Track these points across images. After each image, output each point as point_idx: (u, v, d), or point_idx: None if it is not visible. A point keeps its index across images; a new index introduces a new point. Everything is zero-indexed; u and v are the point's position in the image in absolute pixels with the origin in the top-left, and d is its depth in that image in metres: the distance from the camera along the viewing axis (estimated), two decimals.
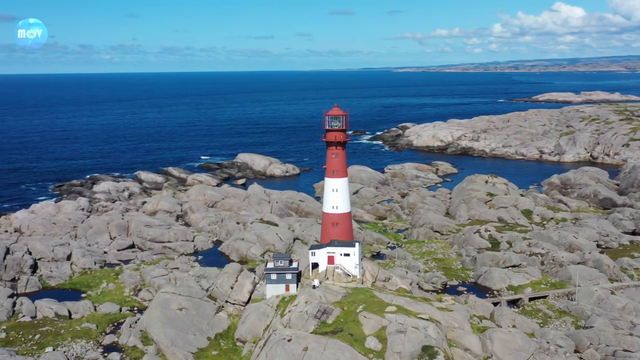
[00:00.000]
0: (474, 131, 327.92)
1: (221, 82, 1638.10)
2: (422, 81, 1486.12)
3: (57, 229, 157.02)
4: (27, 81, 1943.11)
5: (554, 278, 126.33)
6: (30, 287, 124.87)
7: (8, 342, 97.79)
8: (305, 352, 79.69)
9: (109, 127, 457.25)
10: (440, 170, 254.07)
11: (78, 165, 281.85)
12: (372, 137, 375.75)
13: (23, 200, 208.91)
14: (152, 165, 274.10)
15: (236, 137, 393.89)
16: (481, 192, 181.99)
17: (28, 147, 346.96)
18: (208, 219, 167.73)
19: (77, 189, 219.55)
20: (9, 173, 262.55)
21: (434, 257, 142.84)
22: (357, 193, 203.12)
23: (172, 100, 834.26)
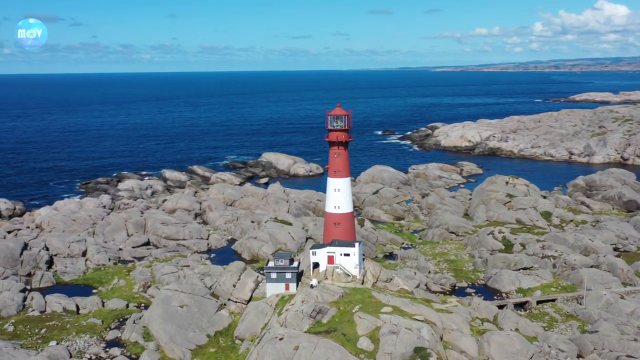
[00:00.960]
0: (503, 131, 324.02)
1: (258, 82, 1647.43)
2: (459, 81, 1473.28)
3: (76, 226, 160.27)
4: (69, 80, 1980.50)
5: (565, 281, 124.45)
6: (44, 282, 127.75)
7: (15, 335, 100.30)
8: (295, 351, 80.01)
9: (143, 126, 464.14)
10: (464, 170, 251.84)
11: (107, 163, 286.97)
12: (401, 137, 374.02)
13: (50, 197, 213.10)
14: (180, 164, 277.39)
15: (266, 136, 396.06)
16: (500, 193, 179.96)
17: (62, 145, 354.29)
18: (224, 218, 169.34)
19: (102, 187, 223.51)
20: (40, 171, 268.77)
21: (446, 258, 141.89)
22: (377, 193, 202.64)
23: (207, 99, 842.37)
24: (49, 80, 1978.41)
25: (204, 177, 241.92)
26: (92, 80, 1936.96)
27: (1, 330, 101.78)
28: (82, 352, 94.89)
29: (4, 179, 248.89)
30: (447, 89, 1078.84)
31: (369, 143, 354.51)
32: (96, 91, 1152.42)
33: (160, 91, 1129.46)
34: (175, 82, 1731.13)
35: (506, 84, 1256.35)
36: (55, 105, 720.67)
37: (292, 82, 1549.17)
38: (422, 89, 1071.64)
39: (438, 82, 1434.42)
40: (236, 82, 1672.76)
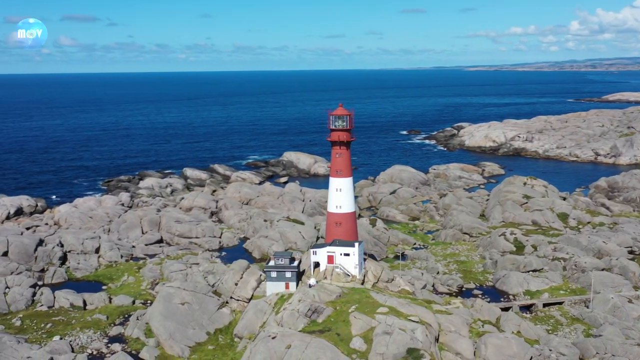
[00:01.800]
0: (528, 131, 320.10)
1: (291, 81, 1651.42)
2: (491, 80, 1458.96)
3: (92, 223, 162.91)
4: (105, 80, 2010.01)
5: (575, 284, 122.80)
6: (57, 278, 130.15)
7: (21, 330, 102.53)
8: (287, 350, 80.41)
9: (171, 125, 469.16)
10: (486, 171, 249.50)
11: (132, 162, 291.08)
12: (426, 137, 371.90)
13: (73, 194, 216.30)
14: (203, 162, 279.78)
15: (292, 135, 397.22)
16: (517, 194, 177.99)
17: (90, 143, 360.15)
18: (239, 216, 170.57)
19: (123, 185, 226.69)
20: (66, 168, 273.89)
21: (456, 259, 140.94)
22: (395, 193, 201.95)
23: (237, 98, 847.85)
24: (85, 80, 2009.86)
25: (225, 176, 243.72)
26: (127, 80, 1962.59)
27: (8, 325, 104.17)
28: (84, 347, 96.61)
29: (31, 177, 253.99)
30: (480, 88, 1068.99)
31: (393, 143, 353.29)
32: (129, 90, 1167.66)
33: (193, 90, 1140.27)
34: (208, 81, 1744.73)
35: (540, 83, 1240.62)
36: (89, 104, 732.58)
37: (325, 82, 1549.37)
38: (454, 89, 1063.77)
39: (471, 81, 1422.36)
40: (269, 81, 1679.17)
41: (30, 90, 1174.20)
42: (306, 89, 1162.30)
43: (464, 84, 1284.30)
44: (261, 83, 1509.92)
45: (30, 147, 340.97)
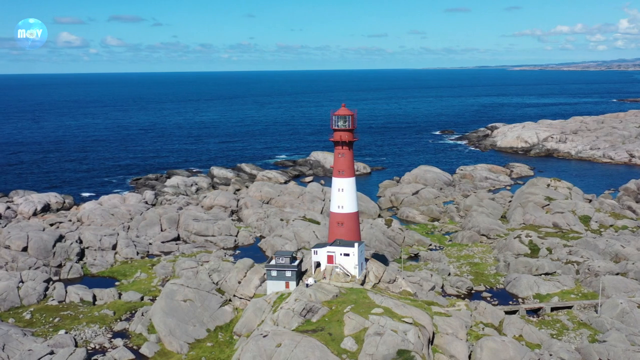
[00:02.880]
0: (562, 132, 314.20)
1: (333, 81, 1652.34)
2: (535, 80, 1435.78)
3: (113, 220, 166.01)
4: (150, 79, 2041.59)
5: (587, 288, 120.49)
6: (73, 273, 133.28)
7: (31, 323, 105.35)
8: (277, 348, 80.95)
9: (206, 124, 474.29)
10: (514, 172, 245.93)
11: (162, 160, 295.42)
12: (459, 137, 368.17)
13: (102, 192, 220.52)
14: (233, 161, 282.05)
15: (325, 135, 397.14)
16: (539, 195, 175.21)
17: (126, 141, 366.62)
18: (257, 215, 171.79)
19: (151, 183, 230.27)
20: (98, 166, 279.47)
21: (470, 261, 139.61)
22: (417, 194, 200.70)
23: (276, 98, 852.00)
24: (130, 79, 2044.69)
25: (251, 175, 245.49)
26: (170, 79, 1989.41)
27: (19, 318, 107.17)
28: (88, 341, 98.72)
29: (64, 174, 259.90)
30: (522, 88, 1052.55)
31: (425, 143, 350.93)
32: (171, 89, 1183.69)
33: (234, 90, 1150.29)
34: (250, 80, 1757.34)
35: (585, 83, 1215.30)
36: (131, 104, 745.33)
37: (365, 81, 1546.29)
38: (496, 88, 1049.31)
39: (514, 81, 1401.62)
40: (310, 81, 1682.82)
41: (77, 90, 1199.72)
42: (345, 88, 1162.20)
43: (506, 83, 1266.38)
44: (302, 82, 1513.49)
45: (68, 145, 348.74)
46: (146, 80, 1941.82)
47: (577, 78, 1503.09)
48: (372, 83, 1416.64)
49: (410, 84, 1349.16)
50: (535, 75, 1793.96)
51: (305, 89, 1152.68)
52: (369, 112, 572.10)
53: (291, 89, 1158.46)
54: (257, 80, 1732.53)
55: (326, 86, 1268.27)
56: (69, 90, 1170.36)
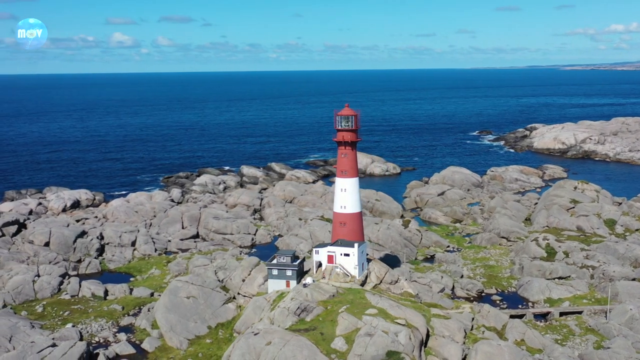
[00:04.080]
0: (601, 134, 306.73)
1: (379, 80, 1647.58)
2: (585, 80, 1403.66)
3: (136, 217, 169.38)
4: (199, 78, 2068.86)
5: (601, 293, 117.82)
6: (91, 268, 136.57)
7: (41, 316, 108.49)
8: (266, 346, 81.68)
9: (246, 123, 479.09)
10: (546, 174, 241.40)
11: (196, 159, 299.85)
12: (496, 138, 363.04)
13: (132, 189, 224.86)
14: (265, 160, 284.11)
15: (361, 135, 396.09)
16: (565, 198, 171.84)
17: (165, 140, 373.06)
18: (277, 214, 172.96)
19: (180, 181, 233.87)
20: (134, 164, 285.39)
21: (485, 263, 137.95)
22: (443, 195, 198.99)
23: (319, 97, 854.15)
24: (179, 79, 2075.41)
25: (280, 174, 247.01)
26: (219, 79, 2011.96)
27: (31, 311, 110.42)
28: (93, 335, 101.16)
29: (100, 171, 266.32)
30: (571, 88, 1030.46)
31: (460, 144, 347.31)
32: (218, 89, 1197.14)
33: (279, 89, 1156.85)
34: (297, 80, 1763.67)
35: (637, 83, 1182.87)
36: (175, 103, 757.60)
37: (412, 81, 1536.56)
38: (544, 88, 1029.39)
39: (564, 81, 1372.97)
40: (357, 80, 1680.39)
41: (126, 90, 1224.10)
42: (390, 88, 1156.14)
43: (556, 83, 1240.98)
44: (348, 82, 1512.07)
45: (107, 144, 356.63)
46: (195, 79, 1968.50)
47: (630, 78, 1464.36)
48: (418, 83, 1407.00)
49: (457, 84, 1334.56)
50: (587, 75, 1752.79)
51: (350, 88, 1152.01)
52: (409, 113, 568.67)
53: (335, 88, 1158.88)
54: (303, 80, 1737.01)
55: (372, 86, 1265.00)
56: (118, 90, 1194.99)
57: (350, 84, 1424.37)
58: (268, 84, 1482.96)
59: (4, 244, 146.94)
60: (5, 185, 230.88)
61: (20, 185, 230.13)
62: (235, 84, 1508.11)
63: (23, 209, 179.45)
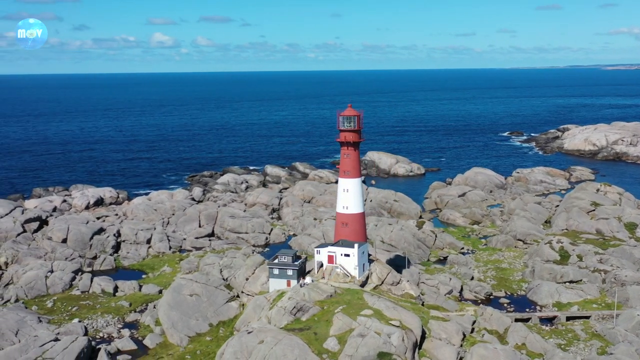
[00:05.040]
0: (634, 135, 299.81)
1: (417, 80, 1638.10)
2: (628, 80, 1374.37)
3: (154, 215, 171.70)
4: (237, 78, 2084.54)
5: (612, 298, 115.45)
6: (105, 265, 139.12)
7: (51, 311, 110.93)
8: (258, 345, 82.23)
9: (278, 123, 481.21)
10: (573, 176, 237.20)
11: (224, 158, 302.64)
12: (526, 139, 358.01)
13: (158, 187, 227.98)
14: (290, 160, 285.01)
15: (391, 135, 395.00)
16: (585, 201, 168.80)
17: (195, 139, 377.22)
18: (294, 214, 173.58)
19: (204, 180, 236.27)
20: (161, 163, 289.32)
21: (497, 266, 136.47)
22: (464, 196, 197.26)
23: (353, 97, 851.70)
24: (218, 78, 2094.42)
25: (304, 174, 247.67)
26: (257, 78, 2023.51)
27: (42, 306, 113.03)
28: (98, 330, 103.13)
29: (128, 170, 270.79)
30: (612, 88, 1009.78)
31: (489, 144, 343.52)
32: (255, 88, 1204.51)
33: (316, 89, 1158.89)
34: (335, 80, 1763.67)
35: None
36: (210, 102, 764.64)
37: (450, 81, 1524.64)
38: (584, 89, 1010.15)
39: (606, 81, 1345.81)
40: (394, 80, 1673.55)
41: (164, 89, 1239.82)
42: (427, 88, 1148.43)
43: (597, 83, 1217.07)
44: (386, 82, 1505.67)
45: (139, 143, 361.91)
46: (233, 79, 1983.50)
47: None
48: (455, 83, 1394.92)
49: (495, 84, 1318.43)
50: (630, 75, 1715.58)
51: (386, 88, 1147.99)
52: (442, 113, 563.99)
53: (371, 88, 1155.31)
54: (341, 80, 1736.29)
55: (408, 86, 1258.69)
56: (156, 89, 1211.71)
57: (386, 83, 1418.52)
58: (305, 83, 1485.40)
59: (25, 240, 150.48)
60: (36, 182, 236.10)
61: (49, 182, 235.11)
62: (272, 83, 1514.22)
63: (47, 206, 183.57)
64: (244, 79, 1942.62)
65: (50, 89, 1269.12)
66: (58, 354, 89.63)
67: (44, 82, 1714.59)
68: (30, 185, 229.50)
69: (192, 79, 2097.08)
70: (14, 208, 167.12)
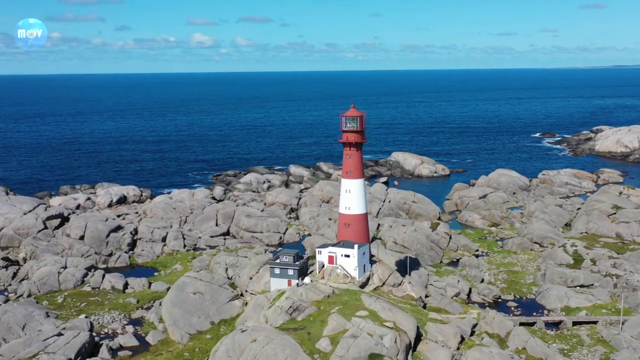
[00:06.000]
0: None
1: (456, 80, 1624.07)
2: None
3: (172, 214, 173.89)
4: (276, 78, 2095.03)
5: (623, 304, 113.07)
6: (120, 262, 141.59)
7: (60, 306, 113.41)
8: (250, 344, 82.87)
9: (309, 123, 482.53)
10: (601, 178, 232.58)
11: (250, 157, 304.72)
12: (558, 141, 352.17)
13: (181, 186, 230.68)
14: (315, 160, 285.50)
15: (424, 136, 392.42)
16: (606, 204, 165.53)
17: (226, 139, 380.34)
18: (311, 214, 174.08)
19: (228, 179, 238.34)
20: (188, 162, 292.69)
21: (510, 269, 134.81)
22: (485, 198, 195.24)
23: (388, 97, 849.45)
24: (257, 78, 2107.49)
25: (327, 174, 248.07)
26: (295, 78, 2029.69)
27: (52, 301, 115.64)
28: (103, 326, 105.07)
29: (155, 169, 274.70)
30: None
31: (518, 145, 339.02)
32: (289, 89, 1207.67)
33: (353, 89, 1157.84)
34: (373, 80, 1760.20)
35: None
36: (246, 102, 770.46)
37: (489, 81, 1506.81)
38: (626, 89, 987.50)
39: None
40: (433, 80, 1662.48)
41: (202, 89, 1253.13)
42: (463, 88, 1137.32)
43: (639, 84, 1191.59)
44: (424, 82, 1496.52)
45: (169, 143, 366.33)
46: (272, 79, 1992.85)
47: None
48: (493, 83, 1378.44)
49: (534, 84, 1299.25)
50: None
51: (423, 88, 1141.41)
52: (475, 113, 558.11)
53: (408, 88, 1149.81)
54: (379, 80, 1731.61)
55: (446, 86, 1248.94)
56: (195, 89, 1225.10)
57: (424, 83, 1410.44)
58: (343, 83, 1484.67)
59: (45, 236, 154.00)
60: (64, 180, 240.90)
61: (78, 180, 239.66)
62: (310, 83, 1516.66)
63: (71, 204, 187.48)
64: (283, 79, 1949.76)
65: (91, 88, 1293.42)
66: (60, 349, 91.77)
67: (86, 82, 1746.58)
68: (58, 183, 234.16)
69: (231, 78, 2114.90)
70: (37, 205, 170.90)
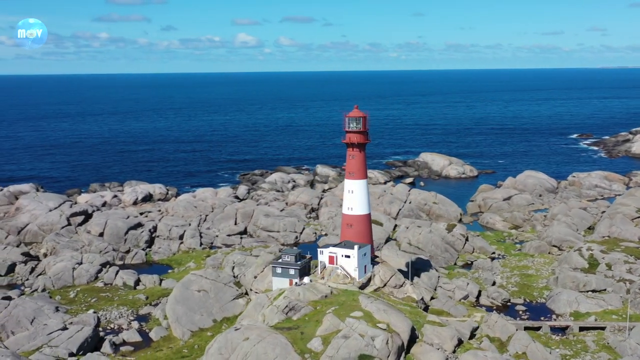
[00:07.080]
0: None
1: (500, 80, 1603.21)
2: None
3: (193, 212, 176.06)
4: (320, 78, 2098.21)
5: (636, 310, 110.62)
6: (136, 259, 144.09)
7: (71, 301, 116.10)
8: (242, 342, 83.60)
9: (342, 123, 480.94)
10: (633, 181, 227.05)
11: (281, 156, 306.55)
12: (594, 142, 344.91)
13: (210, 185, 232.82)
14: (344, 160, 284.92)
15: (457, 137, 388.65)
16: (631, 207, 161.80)
17: (258, 139, 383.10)
18: (329, 214, 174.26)
19: (254, 178, 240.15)
20: (217, 161, 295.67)
21: (524, 272, 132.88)
22: (509, 199, 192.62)
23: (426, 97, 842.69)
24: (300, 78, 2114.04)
25: None
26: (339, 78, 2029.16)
27: (64, 296, 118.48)
28: (110, 321, 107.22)
29: (186, 167, 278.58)
30: None
31: (553, 147, 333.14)
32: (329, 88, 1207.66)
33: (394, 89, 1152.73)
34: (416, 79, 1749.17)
35: None
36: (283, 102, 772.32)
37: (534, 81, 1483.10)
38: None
39: None
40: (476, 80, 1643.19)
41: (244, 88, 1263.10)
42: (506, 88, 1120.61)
43: None
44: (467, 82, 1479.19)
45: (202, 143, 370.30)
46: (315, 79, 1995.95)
47: None
48: (539, 83, 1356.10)
49: (579, 84, 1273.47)
50: None
51: (465, 88, 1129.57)
52: (514, 114, 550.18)
53: (450, 88, 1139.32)
54: (422, 80, 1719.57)
55: (489, 86, 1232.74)
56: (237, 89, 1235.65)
57: (468, 83, 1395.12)
58: (386, 83, 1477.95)
59: (67, 233, 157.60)
60: (95, 178, 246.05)
61: (108, 178, 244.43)
62: (353, 83, 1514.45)
63: (97, 201, 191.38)
64: (326, 79, 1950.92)
65: (136, 88, 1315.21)
66: (63, 342, 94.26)
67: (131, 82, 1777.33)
68: (89, 180, 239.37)
69: (274, 78, 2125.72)
70: (63, 202, 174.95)
